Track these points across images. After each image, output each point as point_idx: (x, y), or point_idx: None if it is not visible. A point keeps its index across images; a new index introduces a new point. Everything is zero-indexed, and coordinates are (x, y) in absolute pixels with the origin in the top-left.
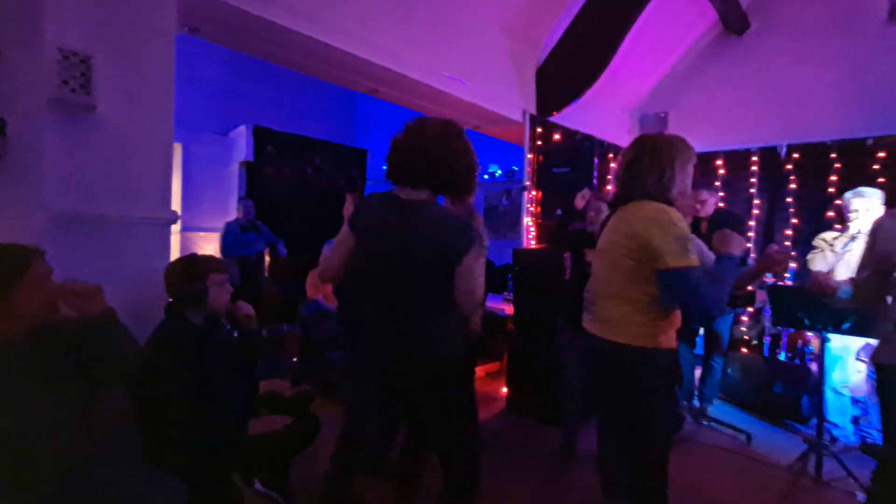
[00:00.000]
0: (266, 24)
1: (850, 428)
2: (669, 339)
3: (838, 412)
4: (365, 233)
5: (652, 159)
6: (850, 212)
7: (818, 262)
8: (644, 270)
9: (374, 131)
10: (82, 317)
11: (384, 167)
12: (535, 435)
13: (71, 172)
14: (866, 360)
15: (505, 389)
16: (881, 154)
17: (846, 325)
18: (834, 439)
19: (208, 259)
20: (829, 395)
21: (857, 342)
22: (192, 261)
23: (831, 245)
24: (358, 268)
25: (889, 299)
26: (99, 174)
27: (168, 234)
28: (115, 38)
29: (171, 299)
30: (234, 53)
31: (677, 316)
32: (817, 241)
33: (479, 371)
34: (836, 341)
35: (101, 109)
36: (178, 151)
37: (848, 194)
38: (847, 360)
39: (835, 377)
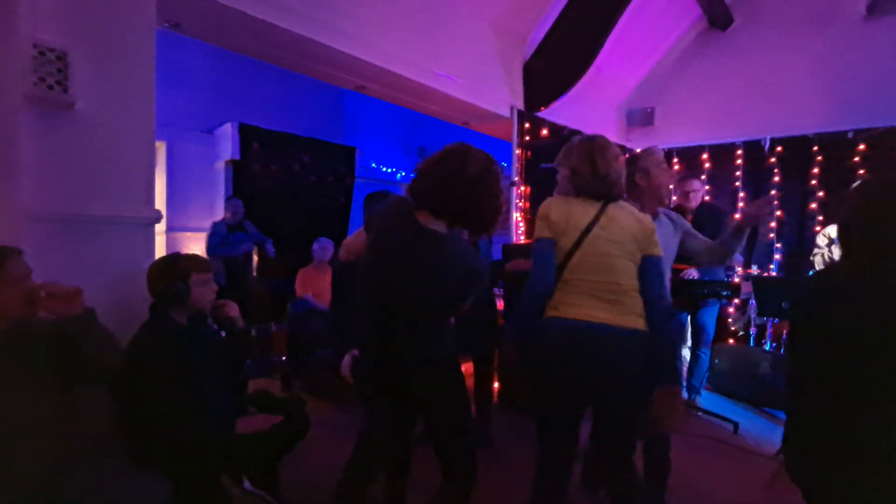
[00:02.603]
0: (249, 19)
1: None
2: None
3: None
4: (376, 245)
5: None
6: None
7: (818, 264)
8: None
9: (362, 128)
10: (59, 318)
11: (373, 164)
12: (527, 428)
13: (50, 171)
14: None
15: (496, 384)
16: (861, 147)
17: None
18: None
19: (190, 258)
20: None
21: None
22: (172, 260)
23: (832, 241)
24: (364, 276)
25: None
26: (79, 173)
27: (152, 233)
28: (92, 34)
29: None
30: (220, 50)
31: None
32: (820, 238)
33: (470, 366)
34: None
35: (79, 107)
36: (162, 150)
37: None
38: None
39: None
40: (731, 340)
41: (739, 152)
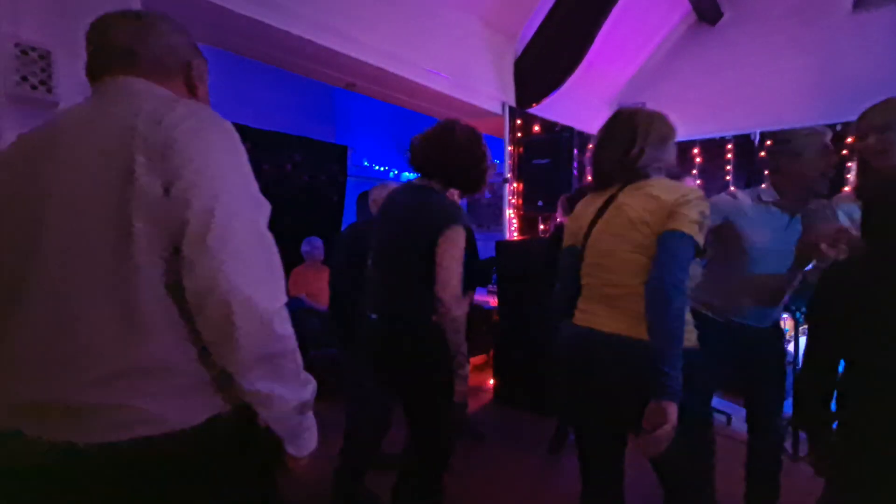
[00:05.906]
0: (236, 17)
1: None
2: None
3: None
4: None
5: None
6: None
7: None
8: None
9: (354, 127)
10: None
11: (365, 163)
12: (523, 424)
13: None
14: None
15: (492, 381)
16: (849, 139)
17: None
18: None
19: None
20: None
21: None
22: None
23: None
24: (374, 241)
25: None
26: None
27: None
28: (76, 32)
29: None
30: (209, 48)
31: None
32: None
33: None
34: None
35: (64, 107)
36: None
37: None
38: None
39: None
40: None
41: (730, 146)
